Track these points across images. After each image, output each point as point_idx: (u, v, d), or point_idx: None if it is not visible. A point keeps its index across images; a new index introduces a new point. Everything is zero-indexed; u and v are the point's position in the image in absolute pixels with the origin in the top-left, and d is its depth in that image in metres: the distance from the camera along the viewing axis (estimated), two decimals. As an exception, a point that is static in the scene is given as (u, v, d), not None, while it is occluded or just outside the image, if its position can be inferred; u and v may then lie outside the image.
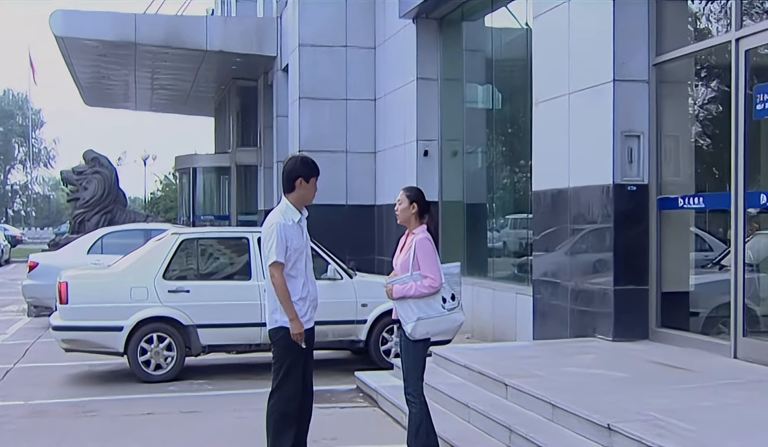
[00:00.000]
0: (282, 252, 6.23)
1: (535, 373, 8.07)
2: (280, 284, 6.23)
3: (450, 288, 6.28)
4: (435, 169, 16.76)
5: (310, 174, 6.41)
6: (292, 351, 6.27)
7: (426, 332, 6.26)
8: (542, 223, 11.21)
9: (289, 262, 6.29)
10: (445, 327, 6.32)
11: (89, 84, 35.37)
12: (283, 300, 6.24)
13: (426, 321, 6.19)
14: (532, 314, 11.38)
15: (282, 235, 6.24)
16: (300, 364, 6.35)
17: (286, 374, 6.29)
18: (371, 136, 19.47)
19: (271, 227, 6.31)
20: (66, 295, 10.58)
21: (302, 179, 6.38)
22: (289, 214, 6.37)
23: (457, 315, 6.31)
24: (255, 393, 9.08)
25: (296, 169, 6.41)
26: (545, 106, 11.13)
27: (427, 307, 6.18)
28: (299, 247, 6.32)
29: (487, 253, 15.45)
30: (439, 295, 6.22)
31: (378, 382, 9.49)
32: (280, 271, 6.24)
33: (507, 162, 15.41)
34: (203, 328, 10.70)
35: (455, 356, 9.18)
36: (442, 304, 6.22)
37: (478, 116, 16.31)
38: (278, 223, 6.29)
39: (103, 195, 24.23)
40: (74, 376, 11.23)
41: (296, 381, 6.33)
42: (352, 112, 19.48)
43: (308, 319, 6.35)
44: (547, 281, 11.03)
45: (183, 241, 11.11)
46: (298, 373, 6.34)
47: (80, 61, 29.31)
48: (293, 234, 6.30)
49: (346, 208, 19.22)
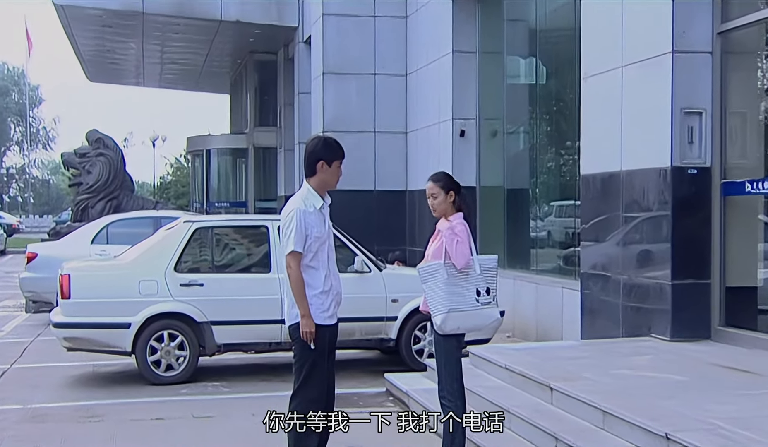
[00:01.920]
0: (301, 241, 6.25)
1: (583, 375, 8.06)
2: (296, 276, 6.26)
3: (485, 281, 6.28)
4: (472, 151, 16.73)
5: (332, 157, 6.41)
6: (315, 348, 6.29)
7: (457, 327, 6.27)
8: (591, 210, 11.16)
9: (309, 252, 6.31)
10: (478, 322, 6.34)
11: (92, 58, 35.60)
12: (297, 293, 6.26)
13: (457, 313, 6.20)
14: (580, 311, 11.35)
15: (302, 223, 6.26)
16: (324, 363, 6.37)
17: (308, 374, 6.31)
18: (402, 115, 19.46)
19: (289, 214, 6.33)
20: (68, 289, 10.66)
21: (324, 162, 6.38)
22: (311, 200, 6.38)
23: (492, 310, 6.33)
24: (275, 396, 9.10)
25: (317, 151, 6.42)
26: (595, 81, 11.07)
27: (459, 298, 6.19)
28: (321, 235, 6.34)
29: (529, 244, 15.42)
30: (473, 287, 6.22)
31: (410, 385, 9.51)
32: (297, 261, 6.27)
33: (552, 143, 15.35)
34: (218, 325, 10.75)
35: (494, 356, 9.17)
36: (476, 297, 6.23)
37: (520, 92, 16.25)
38: (298, 209, 6.31)
39: (108, 179, 24.41)
40: (77, 378, 11.32)
41: (320, 382, 6.35)
42: (381, 88, 19.47)
43: (330, 314, 6.37)
44: (596, 275, 10.99)
45: (196, 229, 11.16)
46: (322, 373, 6.36)
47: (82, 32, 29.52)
48: (314, 221, 6.32)
49: (375, 194, 19.23)
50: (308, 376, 6.32)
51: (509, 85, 16.44)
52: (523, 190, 15.85)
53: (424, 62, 18.33)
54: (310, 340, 6.25)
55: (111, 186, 24.46)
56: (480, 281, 6.26)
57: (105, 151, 24.73)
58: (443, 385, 6.42)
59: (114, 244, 15.45)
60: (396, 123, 19.44)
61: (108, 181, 24.41)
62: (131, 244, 12.31)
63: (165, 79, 42.26)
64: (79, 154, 25.19)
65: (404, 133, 19.46)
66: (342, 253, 10.84)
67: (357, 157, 18.09)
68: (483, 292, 6.27)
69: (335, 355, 6.67)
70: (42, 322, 15.22)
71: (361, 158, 18.78)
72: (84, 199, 24.41)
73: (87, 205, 24.28)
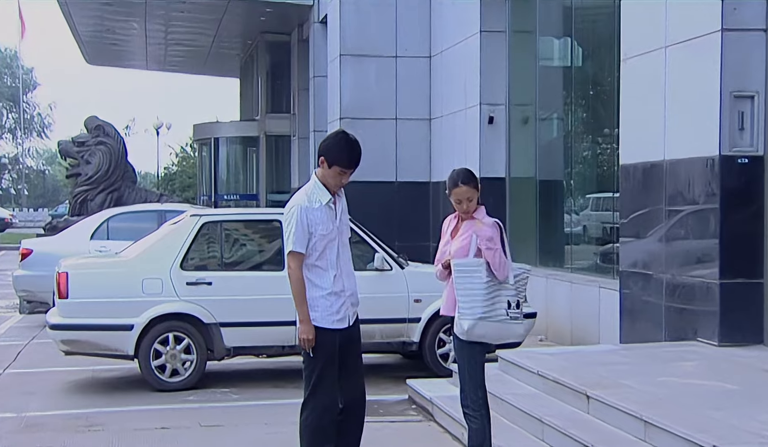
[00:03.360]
0: (301, 240, 6.28)
1: (622, 382, 8.03)
2: (296, 278, 6.30)
3: (517, 293, 6.28)
4: (501, 140, 16.69)
5: (335, 159, 6.36)
6: (323, 354, 6.33)
7: (483, 335, 6.30)
8: (631, 203, 11.12)
9: (315, 251, 6.34)
10: (502, 334, 6.36)
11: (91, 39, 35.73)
12: (297, 297, 6.32)
13: (487, 322, 6.21)
14: (619, 312, 11.31)
15: (302, 220, 6.29)
16: (333, 369, 6.39)
17: (318, 381, 6.35)
18: (425, 101, 19.43)
19: (290, 211, 6.37)
20: (66, 288, 10.68)
21: (324, 160, 6.37)
22: (316, 195, 6.40)
23: (518, 327, 6.37)
24: (288, 403, 9.12)
25: (326, 144, 6.44)
26: (636, 63, 11.01)
27: (492, 306, 6.20)
28: (328, 233, 6.36)
29: (563, 240, 15.40)
30: (506, 298, 6.22)
31: (434, 392, 9.50)
32: (298, 262, 6.30)
33: (588, 130, 15.30)
34: (228, 326, 10.76)
35: (526, 362, 9.16)
36: (507, 309, 6.23)
37: (553, 76, 16.21)
38: (299, 206, 6.33)
39: (108, 170, 24.50)
40: (75, 384, 11.36)
41: (331, 389, 6.38)
42: (403, 71, 19.44)
43: (341, 317, 6.40)
44: (637, 273, 10.95)
45: (204, 224, 11.17)
46: (333, 380, 6.39)
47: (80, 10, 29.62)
48: (319, 218, 6.34)
49: (396, 186, 19.22)
50: (319, 383, 6.35)
51: (542, 67, 16.39)
52: (557, 182, 15.81)
53: (449, 43, 18.30)
54: (308, 348, 6.28)
55: (111, 177, 24.54)
56: (512, 293, 6.26)
57: (105, 139, 24.82)
58: (466, 394, 6.44)
59: (115, 240, 15.50)
60: (419, 109, 19.41)
61: (108, 171, 24.50)
62: (134, 239, 12.34)
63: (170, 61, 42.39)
64: (77, 143, 25.28)
65: (428, 120, 19.43)
66: (360, 250, 10.84)
67: (377, 145, 18.10)
68: (513, 305, 6.27)
69: (362, 359, 6.72)
70: (37, 324, 15.28)
71: (381, 147, 18.77)
72: (82, 191, 24.51)
73: (86, 197, 24.37)
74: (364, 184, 16.17)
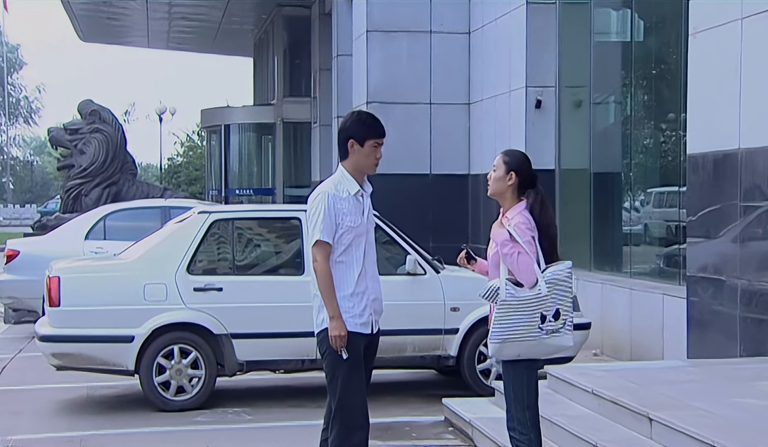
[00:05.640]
0: (329, 229, 6.34)
1: (690, 404, 7.98)
2: (323, 271, 6.34)
3: (555, 301, 6.21)
4: (551, 126, 16.69)
5: (365, 134, 6.49)
6: (347, 361, 6.33)
7: (517, 354, 6.31)
8: (701, 198, 11.05)
9: (340, 245, 6.40)
10: (542, 350, 6.34)
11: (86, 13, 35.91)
12: (325, 291, 6.35)
13: (515, 343, 6.19)
14: (686, 323, 11.26)
15: (330, 208, 6.36)
16: (361, 376, 6.43)
17: (344, 394, 6.36)
18: (464, 82, 19.46)
19: (317, 198, 6.44)
20: (57, 294, 10.71)
21: (354, 141, 6.47)
22: (344, 185, 6.48)
23: (561, 339, 6.31)
24: (308, 425, 9.13)
25: (347, 127, 6.54)
26: (707, 37, 10.94)
27: (519, 324, 6.16)
28: (355, 226, 6.43)
29: (622, 241, 15.38)
30: (538, 311, 6.16)
31: (474, 413, 9.50)
32: (325, 254, 6.35)
33: (651, 115, 15.28)
34: (240, 338, 10.77)
35: (579, 379, 9.13)
36: (540, 324, 6.17)
37: (611, 53, 16.20)
38: (326, 192, 6.42)
39: (105, 161, 24.59)
40: (68, 403, 11.40)
41: (360, 403, 6.41)
42: (438, 49, 19.45)
43: (364, 322, 6.44)
44: (706, 278, 10.89)
45: (213, 222, 11.19)
46: (360, 390, 6.42)
47: (75, -18, 29.75)
48: (347, 208, 6.41)
49: (430, 179, 19.24)
50: (345, 397, 6.37)
51: (597, 43, 16.38)
52: (614, 174, 15.80)
53: (491, 16, 18.30)
54: (340, 348, 6.30)
55: (109, 169, 24.64)
56: (546, 303, 6.19)
57: (101, 126, 24.92)
58: (512, 415, 6.44)
59: (113, 240, 15.55)
60: (456, 92, 19.44)
61: (105, 163, 24.60)
62: (134, 240, 12.38)
63: (174, 38, 42.57)
64: (69, 130, 25.40)
65: (466, 104, 19.46)
66: (390, 251, 10.84)
67: (408, 134, 18.12)
68: (549, 316, 6.21)
69: (371, 374, 6.74)
70: (25, 335, 15.36)
71: (414, 136, 18.79)
72: (76, 185, 24.62)
73: (80, 192, 24.48)
74: (394, 177, 16.22)
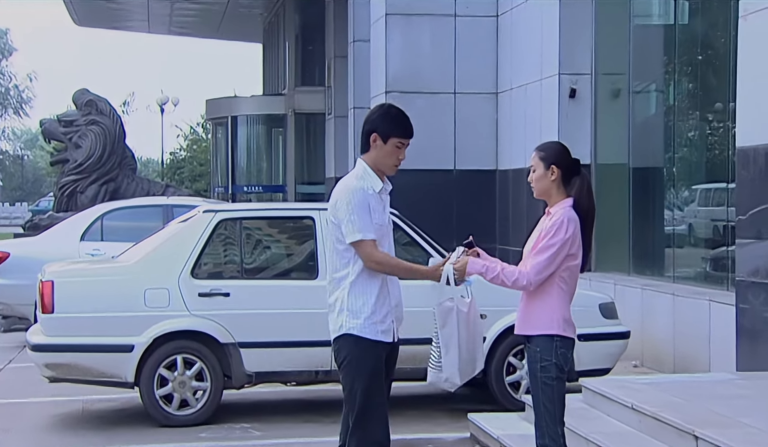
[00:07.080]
0: (369, 225, 6.33)
1: (740, 421, 7.98)
2: (382, 260, 6.39)
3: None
4: (586, 117, 16.67)
5: (389, 131, 6.48)
6: (367, 368, 6.34)
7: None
8: (751, 196, 11.01)
9: None
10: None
11: (82, -4, 35.97)
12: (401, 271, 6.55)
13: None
14: (735, 333, 11.21)
15: (364, 202, 6.36)
16: (382, 387, 6.43)
17: (365, 407, 6.35)
18: (491, 70, 19.46)
19: (346, 194, 6.41)
20: (51, 300, 10.73)
21: (377, 136, 6.48)
22: (368, 181, 6.48)
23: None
24: (322, 442, 9.14)
25: (372, 119, 6.54)
26: (759, 19, 10.88)
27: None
28: (382, 224, 6.46)
29: (663, 242, 15.38)
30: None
31: (502, 429, 9.50)
32: (373, 248, 6.35)
33: (696, 105, 15.26)
34: (249, 347, 10.77)
35: (617, 393, 9.12)
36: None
37: (651, 38, 16.18)
38: (358, 187, 6.41)
39: (102, 156, 24.68)
40: (62, 418, 11.43)
41: (381, 418, 6.40)
42: (463, 33, 19.44)
43: (385, 329, 6.45)
44: (758, 283, 10.84)
45: (220, 222, 11.19)
46: (382, 406, 6.41)
47: (70, -38, 29.84)
48: (374, 206, 6.43)
49: (455, 175, 19.24)
50: (366, 409, 6.36)
51: (637, 27, 16.37)
52: (656, 170, 15.80)
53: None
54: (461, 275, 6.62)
55: (106, 164, 24.73)
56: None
57: (98, 117, 25.01)
58: (543, 431, 6.45)
59: (111, 241, 15.60)
60: (483, 81, 19.44)
61: (102, 157, 24.68)
62: (134, 241, 12.40)
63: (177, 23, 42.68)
64: (63, 122, 25.50)
65: (494, 93, 19.45)
66: (411, 253, 10.82)
67: (431, 126, 18.09)
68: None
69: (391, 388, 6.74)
70: (15, 344, 15.40)
71: (437, 128, 18.78)
72: (71, 181, 24.71)
73: (75, 189, 24.57)
74: (416, 173, 16.18)
